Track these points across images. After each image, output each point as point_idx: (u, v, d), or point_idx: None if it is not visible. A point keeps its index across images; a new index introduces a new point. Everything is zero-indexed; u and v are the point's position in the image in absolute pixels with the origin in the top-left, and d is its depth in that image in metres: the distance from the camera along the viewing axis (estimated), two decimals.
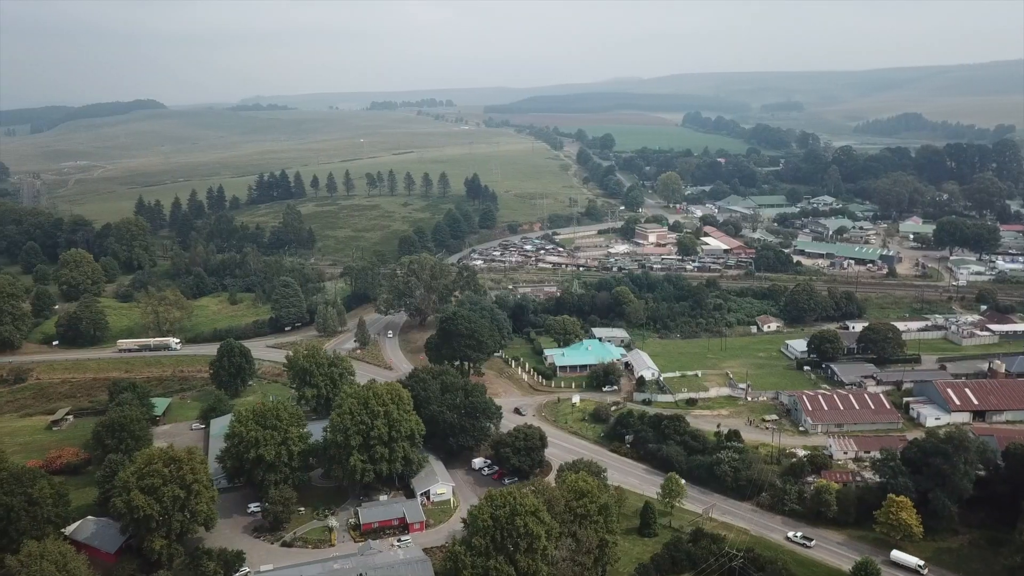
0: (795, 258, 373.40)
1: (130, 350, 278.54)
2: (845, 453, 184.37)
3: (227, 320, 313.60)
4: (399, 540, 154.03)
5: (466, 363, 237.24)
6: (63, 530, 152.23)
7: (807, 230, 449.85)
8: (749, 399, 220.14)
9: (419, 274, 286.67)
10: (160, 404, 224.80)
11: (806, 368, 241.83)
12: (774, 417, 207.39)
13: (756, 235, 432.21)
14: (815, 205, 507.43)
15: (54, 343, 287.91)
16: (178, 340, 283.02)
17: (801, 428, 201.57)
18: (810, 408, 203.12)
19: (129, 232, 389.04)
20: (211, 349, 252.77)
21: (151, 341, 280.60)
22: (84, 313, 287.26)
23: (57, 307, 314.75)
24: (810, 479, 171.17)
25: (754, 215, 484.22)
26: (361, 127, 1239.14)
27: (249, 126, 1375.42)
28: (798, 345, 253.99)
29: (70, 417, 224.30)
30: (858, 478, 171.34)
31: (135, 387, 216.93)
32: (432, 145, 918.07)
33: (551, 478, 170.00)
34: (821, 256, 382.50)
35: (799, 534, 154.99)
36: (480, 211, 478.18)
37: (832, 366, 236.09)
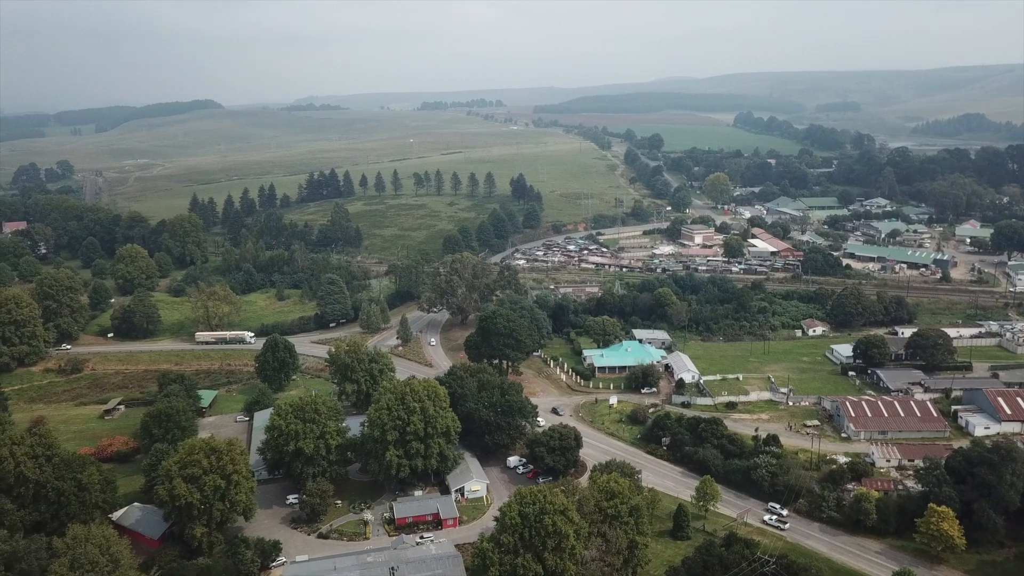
0: (845, 261, 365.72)
1: (207, 343, 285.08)
2: (888, 461, 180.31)
3: (274, 316, 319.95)
4: (422, 537, 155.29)
5: (505, 362, 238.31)
6: (110, 515, 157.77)
7: (858, 233, 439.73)
8: (790, 404, 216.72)
9: (461, 273, 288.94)
10: (207, 396, 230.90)
11: (851, 374, 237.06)
12: (815, 423, 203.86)
13: (805, 237, 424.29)
14: (868, 208, 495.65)
15: (109, 335, 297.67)
16: (252, 334, 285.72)
17: (843, 435, 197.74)
18: (853, 414, 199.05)
19: (182, 229, 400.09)
20: (258, 344, 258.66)
21: (227, 334, 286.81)
22: (138, 307, 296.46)
23: (113, 300, 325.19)
24: (850, 486, 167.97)
25: (803, 217, 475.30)
26: (411, 127, 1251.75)
27: (302, 126, 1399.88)
28: (844, 350, 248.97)
29: (122, 407, 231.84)
30: (900, 487, 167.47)
31: (183, 379, 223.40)
32: (480, 145, 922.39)
33: (585, 478, 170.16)
34: (872, 260, 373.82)
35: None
36: (524, 211, 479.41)
37: (878, 372, 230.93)
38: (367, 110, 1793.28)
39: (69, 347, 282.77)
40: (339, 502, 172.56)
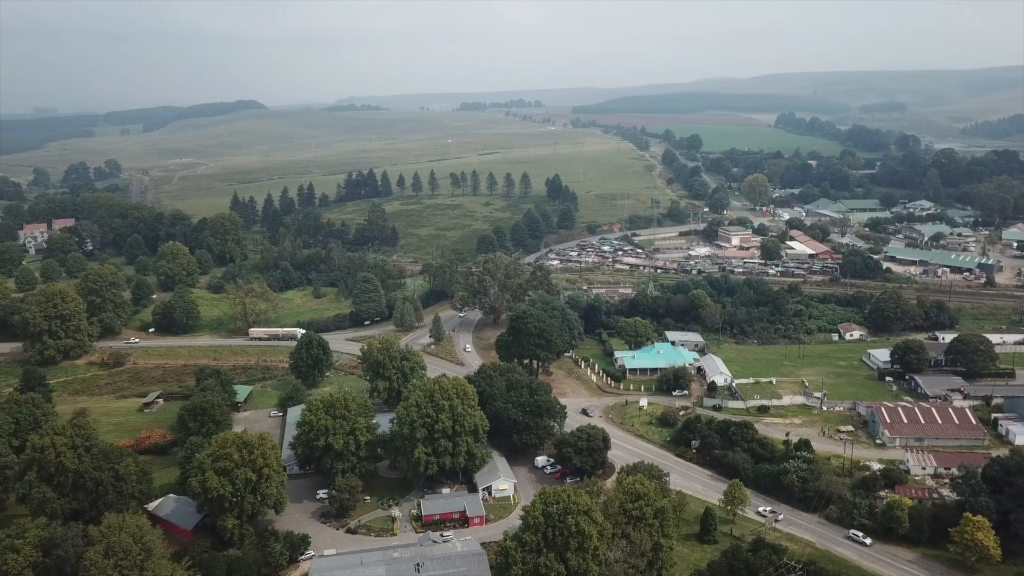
0: (885, 265, 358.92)
1: (260, 339, 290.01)
2: (923, 468, 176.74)
3: (310, 313, 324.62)
4: (443, 535, 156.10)
5: (535, 362, 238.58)
6: (146, 506, 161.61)
7: (900, 236, 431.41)
8: (824, 409, 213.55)
9: (494, 273, 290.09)
10: (242, 391, 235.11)
11: (888, 379, 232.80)
12: (849, 428, 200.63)
13: (845, 240, 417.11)
14: (911, 210, 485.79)
15: (150, 330, 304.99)
16: (303, 332, 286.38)
17: (878, 441, 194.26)
18: (888, 420, 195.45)
19: (223, 227, 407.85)
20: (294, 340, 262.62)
21: (279, 331, 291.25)
22: (178, 303, 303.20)
23: (155, 296, 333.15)
24: (882, 494, 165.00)
25: (844, 219, 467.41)
26: (450, 127, 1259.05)
27: (343, 126, 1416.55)
28: (881, 355, 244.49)
29: (160, 400, 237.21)
30: (935, 495, 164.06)
31: (219, 374, 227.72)
32: (518, 146, 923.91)
33: (612, 480, 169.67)
34: (913, 263, 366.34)
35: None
36: (559, 211, 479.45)
37: (916, 378, 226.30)
38: (407, 110, 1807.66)
39: (111, 342, 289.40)
40: (368, 498, 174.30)
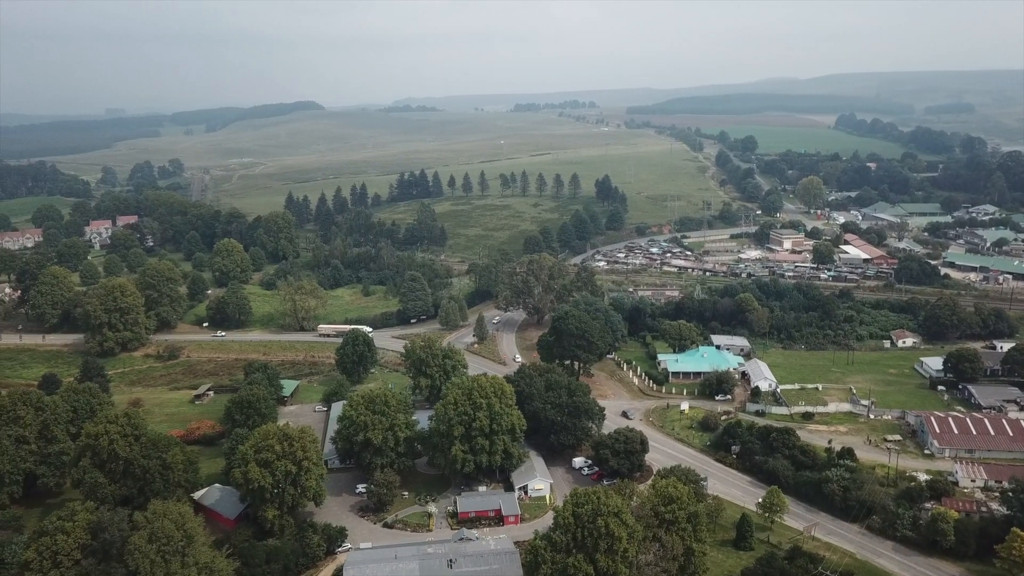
0: (943, 271, 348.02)
1: (328, 335, 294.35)
2: (972, 481, 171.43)
3: (358, 311, 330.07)
4: (463, 535, 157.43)
5: (576, 363, 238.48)
6: (193, 494, 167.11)
7: (961, 241, 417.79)
8: (871, 417, 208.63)
9: (537, 274, 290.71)
10: (288, 386, 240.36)
11: (940, 388, 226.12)
12: (897, 437, 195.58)
13: (902, 245, 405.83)
14: (973, 215, 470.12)
15: (204, 324, 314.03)
16: (370, 329, 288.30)
17: (926, 451, 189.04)
18: (938, 430, 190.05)
19: (276, 225, 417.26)
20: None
21: (346, 328, 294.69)
22: (231, 298, 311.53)
23: (210, 292, 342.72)
24: (928, 505, 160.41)
25: (901, 224, 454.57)
26: (503, 128, 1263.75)
27: (399, 127, 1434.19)
28: (934, 363, 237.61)
29: (211, 392, 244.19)
30: (983, 508, 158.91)
31: (266, 368, 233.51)
32: (570, 146, 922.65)
33: (649, 483, 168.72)
34: (973, 269, 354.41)
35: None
36: (608, 212, 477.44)
37: (970, 387, 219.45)
38: (461, 111, 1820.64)
39: (167, 335, 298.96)
40: (406, 493, 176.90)
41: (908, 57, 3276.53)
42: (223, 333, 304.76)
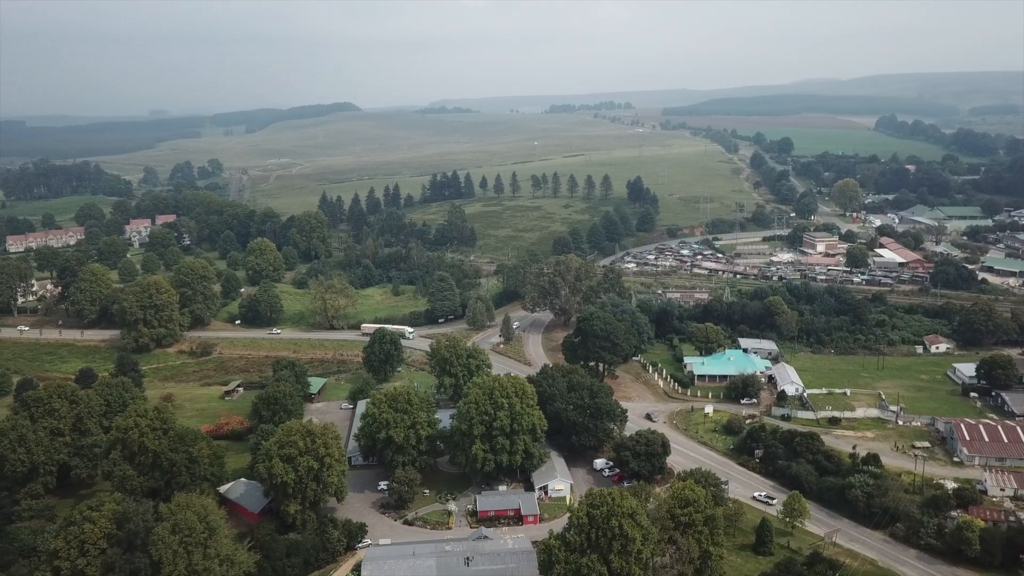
0: (980, 275, 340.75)
1: (368, 334, 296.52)
2: (1002, 490, 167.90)
3: (387, 310, 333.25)
4: (481, 533, 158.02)
5: (600, 364, 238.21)
6: (219, 488, 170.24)
7: (1001, 245, 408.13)
8: (900, 423, 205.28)
9: (564, 275, 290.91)
10: (316, 383, 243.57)
11: (973, 395, 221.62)
12: (925, 444, 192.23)
13: (939, 248, 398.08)
14: (1015, 218, 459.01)
15: (236, 322, 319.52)
16: (412, 330, 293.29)
17: (955, 459, 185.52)
18: (967, 438, 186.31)
19: (309, 224, 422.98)
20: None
21: (388, 327, 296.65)
22: (263, 297, 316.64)
23: (243, 290, 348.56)
24: (954, 514, 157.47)
25: (939, 227, 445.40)
26: (537, 130, 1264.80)
27: (434, 128, 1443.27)
28: (967, 369, 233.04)
29: (240, 389, 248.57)
30: (1011, 518, 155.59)
31: (294, 366, 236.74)
32: (603, 148, 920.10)
33: (668, 485, 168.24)
34: (1013, 274, 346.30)
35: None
36: (639, 214, 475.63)
37: (1003, 395, 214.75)
38: (496, 113, 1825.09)
39: (201, 332, 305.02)
40: (427, 491, 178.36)
41: (953, 57, 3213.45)
42: (278, 331, 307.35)
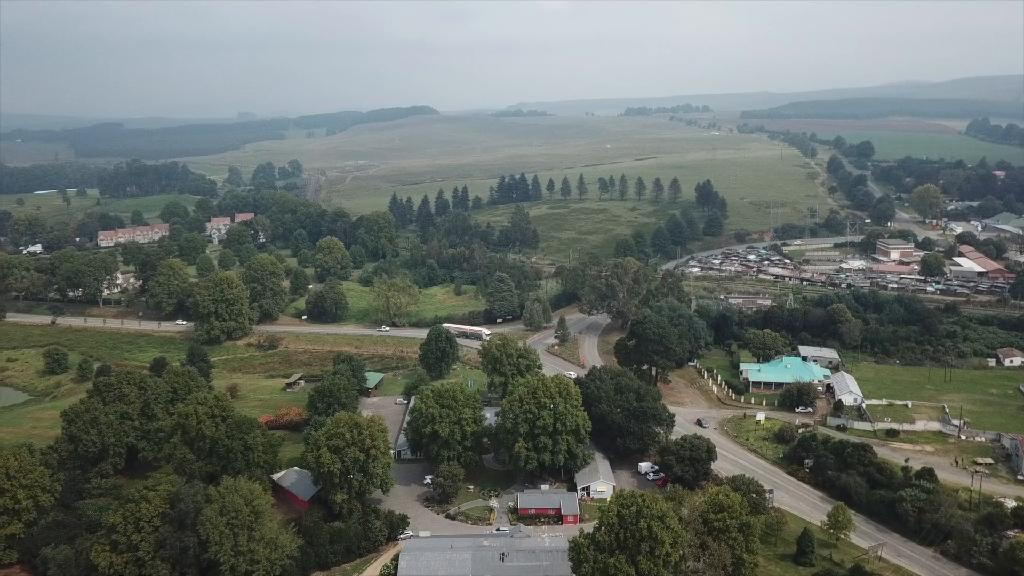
0: None
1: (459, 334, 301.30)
2: None
3: (448, 309, 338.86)
4: (498, 529, 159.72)
5: (653, 368, 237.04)
6: (273, 475, 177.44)
7: None
8: (963, 437, 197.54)
9: (622, 277, 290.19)
10: (373, 378, 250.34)
11: None
12: (988, 461, 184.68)
13: (1022, 258, 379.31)
14: None
15: (303, 317, 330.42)
16: (488, 331, 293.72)
17: (1020, 477, 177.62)
18: None
19: (377, 224, 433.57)
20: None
21: (468, 328, 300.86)
22: (328, 293, 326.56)
23: (311, 287, 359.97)
24: (1010, 533, 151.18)
25: None
26: (611, 133, 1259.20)
27: (509, 131, 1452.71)
28: None
29: (302, 382, 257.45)
30: None
31: (351, 360, 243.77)
32: (676, 151, 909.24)
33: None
34: None
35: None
36: (706, 218, 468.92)
37: None
38: (572, 116, 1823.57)
39: (269, 326, 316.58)
40: (471, 487, 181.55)
41: None
42: (387, 328, 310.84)
